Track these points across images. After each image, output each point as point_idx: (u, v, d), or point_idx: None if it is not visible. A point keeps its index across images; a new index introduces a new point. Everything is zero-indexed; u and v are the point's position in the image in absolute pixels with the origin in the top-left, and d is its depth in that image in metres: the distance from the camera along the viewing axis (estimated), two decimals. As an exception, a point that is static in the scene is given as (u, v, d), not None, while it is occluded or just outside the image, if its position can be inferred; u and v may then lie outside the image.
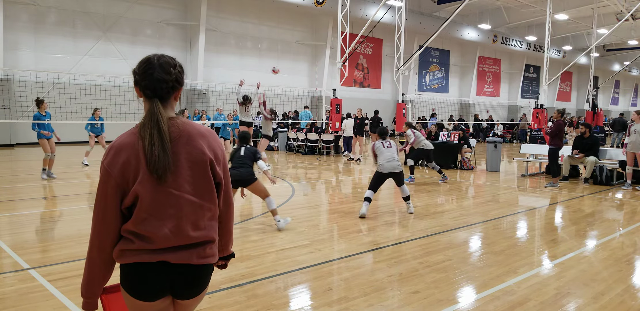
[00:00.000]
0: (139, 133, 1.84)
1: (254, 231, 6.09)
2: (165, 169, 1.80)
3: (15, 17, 18.48)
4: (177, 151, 1.85)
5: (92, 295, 1.93)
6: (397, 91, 25.09)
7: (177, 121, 1.90)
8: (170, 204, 1.84)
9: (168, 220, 1.83)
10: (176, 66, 1.94)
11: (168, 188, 1.84)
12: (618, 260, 5.08)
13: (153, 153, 1.79)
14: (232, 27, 24.60)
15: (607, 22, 32.90)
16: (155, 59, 1.92)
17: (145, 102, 1.90)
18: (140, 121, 1.88)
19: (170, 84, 1.91)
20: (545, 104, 25.04)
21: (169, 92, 1.92)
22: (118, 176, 1.81)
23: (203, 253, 1.91)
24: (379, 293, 4.03)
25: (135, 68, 1.93)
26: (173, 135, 1.86)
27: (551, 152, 10.28)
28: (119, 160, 1.81)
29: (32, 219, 6.68)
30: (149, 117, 1.85)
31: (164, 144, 1.81)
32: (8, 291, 3.93)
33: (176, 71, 1.93)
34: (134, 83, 1.92)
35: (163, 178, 1.81)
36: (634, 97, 59.39)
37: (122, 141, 1.86)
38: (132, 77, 1.97)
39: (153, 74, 1.88)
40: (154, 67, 1.89)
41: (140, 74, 1.90)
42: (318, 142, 17.59)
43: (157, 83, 1.88)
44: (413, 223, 6.74)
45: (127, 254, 1.83)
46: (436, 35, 22.61)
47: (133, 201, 1.82)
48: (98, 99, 17.93)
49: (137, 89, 1.92)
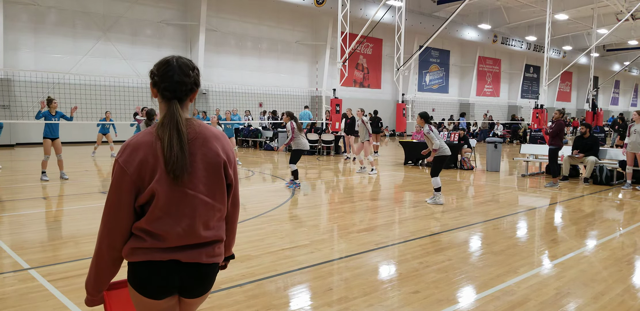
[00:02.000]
0: (157, 133, 1.85)
1: (254, 231, 6.09)
2: (183, 169, 1.83)
3: (15, 17, 18.47)
4: (193, 152, 1.88)
5: (97, 292, 1.94)
6: (397, 91, 25.10)
7: (193, 123, 1.93)
8: (186, 204, 1.87)
9: (182, 219, 1.86)
10: (194, 68, 1.97)
11: (184, 187, 1.86)
12: (618, 260, 5.08)
13: (172, 154, 1.81)
14: (232, 27, 24.60)
15: (607, 22, 32.92)
16: (174, 60, 1.94)
17: (162, 103, 1.93)
18: (158, 121, 1.90)
19: (189, 86, 1.94)
20: (545, 104, 25.04)
21: (187, 94, 1.95)
22: (134, 174, 1.82)
23: (212, 252, 1.95)
24: (379, 293, 4.03)
25: (153, 69, 1.95)
26: (190, 136, 1.89)
27: (551, 152, 10.28)
28: (136, 158, 1.82)
29: (32, 219, 6.68)
30: (169, 118, 1.87)
31: (182, 145, 1.84)
32: (8, 291, 3.93)
33: (194, 73, 1.96)
34: (152, 84, 1.94)
35: (180, 178, 1.84)
36: (634, 97, 59.40)
37: (139, 139, 1.87)
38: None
39: (173, 76, 1.90)
40: (174, 69, 1.91)
41: (160, 75, 1.92)
42: (318, 142, 17.60)
43: (177, 85, 1.91)
44: (413, 223, 6.74)
45: (138, 253, 1.84)
46: (436, 35, 22.65)
47: (148, 199, 1.84)
48: (98, 99, 17.94)
49: (154, 90, 1.94)
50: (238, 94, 22.55)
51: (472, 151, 13.93)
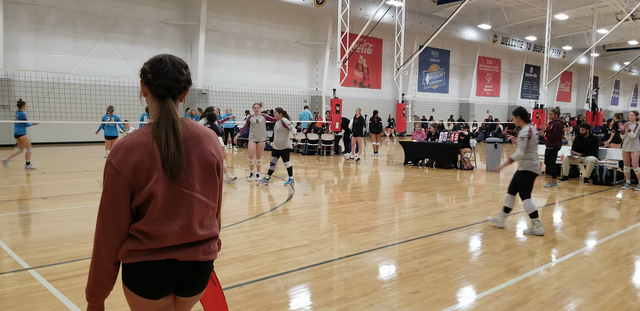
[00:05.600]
0: (154, 133, 1.83)
1: (254, 231, 6.09)
2: (179, 168, 1.83)
3: (15, 17, 18.47)
4: (189, 152, 1.88)
5: (98, 299, 1.91)
6: (397, 91, 25.09)
7: (185, 122, 1.92)
8: (183, 204, 1.87)
9: (179, 219, 1.86)
10: (187, 66, 1.97)
11: (180, 187, 1.86)
12: (618, 260, 5.08)
13: (169, 152, 1.81)
14: (232, 27, 24.60)
15: (607, 22, 32.91)
16: (167, 58, 1.93)
17: (154, 102, 1.90)
18: (153, 120, 1.88)
19: (182, 84, 1.93)
20: (545, 104, 25.04)
21: (180, 92, 1.94)
22: (129, 175, 1.79)
23: (208, 250, 1.96)
24: (379, 293, 4.03)
25: (145, 67, 1.92)
26: (184, 136, 1.88)
27: (548, 153, 10.27)
28: (131, 160, 1.80)
29: (32, 219, 6.68)
30: (165, 116, 1.86)
31: (178, 144, 1.84)
32: (8, 291, 3.93)
33: (187, 72, 1.96)
34: (145, 82, 1.91)
35: (177, 177, 1.83)
36: (634, 97, 59.41)
37: (133, 140, 1.84)
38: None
39: (167, 74, 1.89)
40: (167, 66, 1.90)
41: (153, 73, 1.89)
42: (318, 142, 17.60)
43: (172, 82, 1.89)
44: (413, 223, 6.74)
45: (135, 255, 1.83)
46: (436, 35, 22.63)
47: (144, 200, 1.82)
48: (98, 99, 17.94)
49: (145, 88, 1.92)
50: (238, 94, 22.55)
51: (472, 151, 13.93)
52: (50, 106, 17.74)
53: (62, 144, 19.41)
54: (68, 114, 17.72)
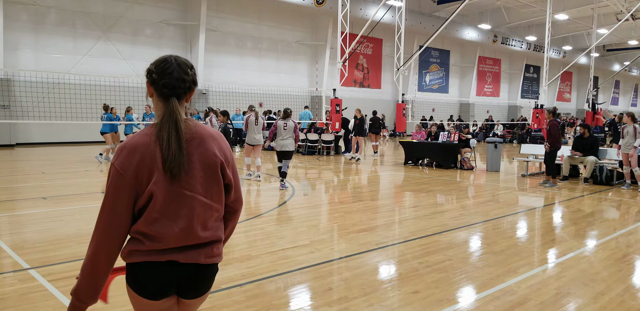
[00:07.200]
0: (157, 133, 1.83)
1: (254, 231, 6.09)
2: (180, 168, 1.81)
3: (15, 17, 18.47)
4: (190, 152, 1.86)
5: (89, 299, 1.89)
6: (397, 91, 25.10)
7: (189, 123, 1.91)
8: (183, 205, 1.85)
9: (180, 220, 1.84)
10: (192, 67, 1.97)
11: (181, 188, 1.84)
12: (618, 260, 5.08)
13: (170, 152, 1.79)
14: (232, 27, 24.60)
15: (607, 22, 32.90)
16: (172, 59, 1.93)
17: (159, 102, 1.90)
18: (156, 121, 1.88)
19: (187, 84, 1.92)
20: (545, 104, 25.04)
21: (185, 92, 1.93)
22: (131, 177, 1.79)
23: (210, 253, 1.93)
24: (379, 293, 4.03)
25: (151, 67, 1.92)
26: (186, 136, 1.87)
27: (548, 153, 10.26)
28: (133, 161, 1.79)
29: (32, 219, 6.68)
30: (168, 116, 1.85)
31: (180, 144, 1.82)
32: (8, 291, 3.93)
33: (192, 72, 1.95)
34: (150, 82, 1.91)
35: (177, 177, 1.82)
36: (634, 97, 59.42)
37: (135, 141, 1.83)
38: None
39: (173, 73, 1.88)
40: (172, 66, 1.90)
41: (159, 73, 1.89)
42: (318, 142, 17.60)
43: (177, 82, 1.89)
44: (413, 223, 6.74)
45: (136, 255, 1.83)
46: (436, 35, 22.62)
47: (146, 201, 1.82)
48: (98, 99, 17.93)
49: (151, 88, 1.92)
50: (238, 94, 22.56)
51: (472, 151, 13.93)
52: (50, 106, 17.75)
53: (62, 144, 19.42)
54: (68, 114, 17.73)
